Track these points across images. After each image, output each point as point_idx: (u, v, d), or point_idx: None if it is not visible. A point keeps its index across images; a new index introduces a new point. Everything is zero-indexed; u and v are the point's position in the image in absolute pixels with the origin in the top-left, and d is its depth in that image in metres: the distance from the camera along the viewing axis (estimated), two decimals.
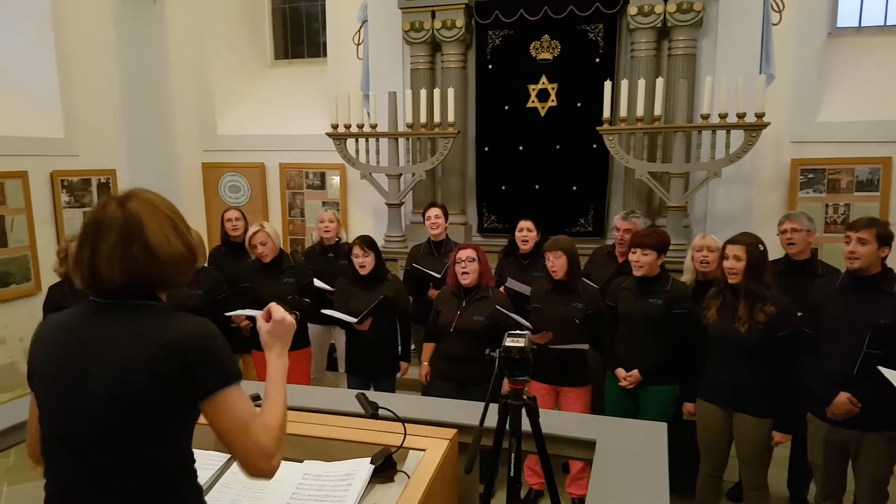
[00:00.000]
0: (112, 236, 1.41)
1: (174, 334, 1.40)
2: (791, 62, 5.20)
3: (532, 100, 5.47)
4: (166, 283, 1.49)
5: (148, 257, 1.42)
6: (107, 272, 1.41)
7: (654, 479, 2.02)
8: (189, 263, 1.52)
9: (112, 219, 1.43)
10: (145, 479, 1.44)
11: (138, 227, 1.42)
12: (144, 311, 1.45)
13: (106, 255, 1.41)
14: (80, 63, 5.89)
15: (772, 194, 5.34)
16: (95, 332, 1.44)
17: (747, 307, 3.08)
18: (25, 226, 5.47)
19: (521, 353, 2.07)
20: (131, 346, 1.39)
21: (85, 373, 1.41)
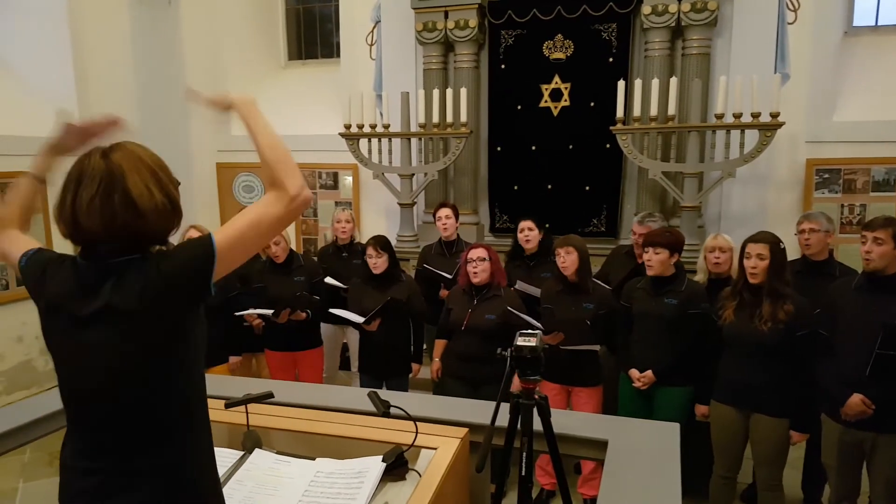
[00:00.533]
0: (93, 186, 1.40)
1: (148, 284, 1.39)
2: (806, 61, 5.15)
3: (545, 99, 5.47)
4: (147, 236, 1.45)
5: (127, 208, 1.40)
6: (87, 222, 1.40)
7: (667, 480, 2.01)
8: (170, 217, 1.49)
9: (95, 168, 1.41)
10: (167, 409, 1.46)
11: (120, 177, 1.41)
12: (129, 265, 1.42)
13: (86, 205, 1.39)
14: (95, 63, 5.94)
15: (787, 194, 5.29)
16: (86, 296, 1.42)
17: (770, 305, 3.06)
18: (42, 225, 5.52)
19: (532, 352, 2.06)
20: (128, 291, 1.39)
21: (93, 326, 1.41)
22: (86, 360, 1.43)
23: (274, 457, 2.23)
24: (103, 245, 1.42)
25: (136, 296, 1.38)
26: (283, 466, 2.17)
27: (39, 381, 5.61)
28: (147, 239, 1.45)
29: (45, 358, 5.66)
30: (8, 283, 5.28)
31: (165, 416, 1.47)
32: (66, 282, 1.46)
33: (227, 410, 2.34)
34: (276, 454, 2.24)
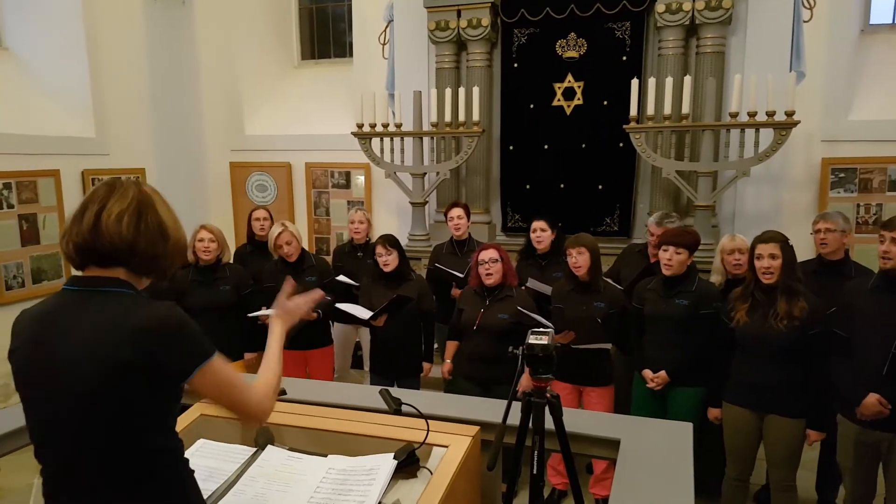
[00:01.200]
0: (125, 201, 1.48)
1: (141, 322, 1.41)
2: (822, 59, 5.10)
3: (558, 98, 5.45)
4: (160, 263, 1.54)
5: (157, 231, 1.50)
6: (111, 231, 1.45)
7: (679, 480, 2.00)
8: (182, 254, 1.62)
9: (127, 189, 1.51)
10: (129, 463, 1.46)
11: (152, 203, 1.53)
12: (115, 299, 1.46)
13: (115, 216, 1.46)
14: (111, 64, 5.99)
15: (802, 194, 5.25)
16: (67, 321, 1.45)
17: (786, 304, 3.04)
18: (57, 224, 5.58)
19: (544, 350, 2.05)
20: (100, 337, 1.41)
21: (59, 363, 1.43)
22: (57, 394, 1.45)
23: (286, 453, 2.23)
24: (104, 264, 1.47)
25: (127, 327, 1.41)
26: (295, 463, 2.18)
27: None
28: (154, 268, 1.54)
29: None
30: (24, 282, 5.33)
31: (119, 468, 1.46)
32: (48, 314, 1.51)
33: None
34: (288, 451, 2.25)
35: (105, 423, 1.42)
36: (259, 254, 4.78)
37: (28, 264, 5.36)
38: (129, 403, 1.42)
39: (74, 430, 1.44)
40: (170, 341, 1.43)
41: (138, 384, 1.41)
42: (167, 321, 1.43)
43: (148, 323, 1.41)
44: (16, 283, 5.28)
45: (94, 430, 1.43)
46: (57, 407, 1.44)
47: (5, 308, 5.24)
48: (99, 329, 1.41)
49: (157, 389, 1.45)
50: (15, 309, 5.40)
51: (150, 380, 1.42)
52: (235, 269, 4.33)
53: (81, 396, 1.41)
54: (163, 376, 1.43)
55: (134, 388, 1.41)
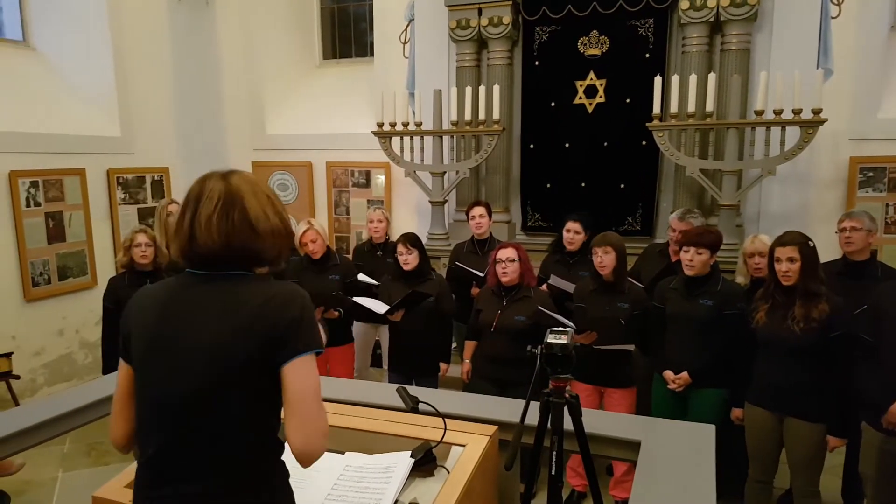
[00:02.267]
0: (212, 203, 1.47)
1: (266, 299, 1.44)
2: (851, 57, 5.00)
3: (579, 96, 5.40)
4: (261, 256, 1.53)
5: (246, 226, 1.48)
6: (204, 237, 1.46)
7: (701, 483, 1.96)
8: (284, 240, 1.58)
9: (214, 189, 1.50)
10: (240, 449, 1.47)
11: (239, 197, 1.49)
12: (237, 279, 1.49)
13: (205, 221, 1.46)
14: (135, 64, 6.07)
15: (829, 193, 5.15)
16: (191, 299, 1.49)
17: (804, 307, 2.98)
18: (83, 221, 5.67)
19: (563, 350, 2.03)
20: (226, 312, 1.44)
21: (182, 339, 1.45)
22: (176, 366, 1.47)
23: None
24: (216, 262, 1.49)
25: (272, 298, 1.44)
26: None
27: (79, 373, 5.75)
28: (261, 258, 1.53)
29: (84, 351, 5.80)
30: (50, 279, 5.42)
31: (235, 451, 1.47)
32: (171, 290, 1.54)
33: None
34: None
35: (221, 400, 1.44)
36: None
37: (54, 261, 5.44)
38: (248, 386, 1.44)
39: (192, 406, 1.45)
40: (292, 320, 1.44)
41: (257, 359, 1.42)
42: (293, 299, 1.46)
43: (275, 299, 1.44)
44: (42, 279, 5.36)
45: (209, 407, 1.44)
46: (176, 384, 1.45)
47: (32, 304, 5.34)
48: (224, 305, 1.45)
49: (269, 367, 1.44)
50: (41, 305, 5.52)
51: (267, 354, 1.42)
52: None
53: (203, 371, 1.43)
54: (275, 352, 1.43)
55: (252, 363, 1.42)
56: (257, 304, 1.43)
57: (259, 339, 1.42)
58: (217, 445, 1.46)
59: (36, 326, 5.38)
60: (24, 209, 5.18)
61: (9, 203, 5.11)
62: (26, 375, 5.26)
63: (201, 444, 1.46)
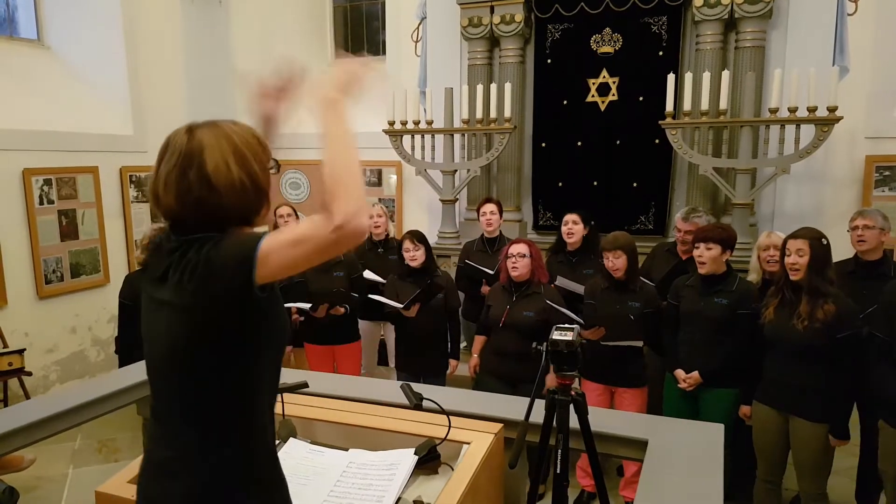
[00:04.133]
0: (172, 160, 1.38)
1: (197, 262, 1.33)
2: (867, 54, 4.92)
3: (592, 94, 5.37)
4: (224, 214, 1.38)
5: (202, 184, 1.35)
6: (164, 197, 1.39)
7: (708, 483, 1.93)
8: (250, 196, 1.41)
9: (177, 144, 1.39)
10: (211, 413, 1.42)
11: (198, 152, 1.36)
12: (200, 243, 1.35)
13: (164, 179, 1.38)
14: (149, 63, 6.10)
15: (844, 192, 5.07)
16: (160, 271, 1.41)
17: (809, 304, 2.94)
18: (96, 219, 5.70)
19: (568, 346, 2.00)
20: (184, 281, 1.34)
21: (159, 304, 1.42)
22: (151, 338, 1.47)
23: (308, 446, 2.22)
24: (183, 222, 1.39)
25: (185, 276, 1.33)
26: (316, 456, 2.17)
27: (92, 370, 5.78)
28: (225, 218, 1.38)
29: (97, 348, 5.83)
30: (63, 276, 5.45)
31: (212, 408, 1.42)
32: (153, 254, 1.50)
33: None
34: (309, 444, 2.24)
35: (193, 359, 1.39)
36: None
37: (67, 259, 5.48)
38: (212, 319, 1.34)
39: (168, 366, 1.43)
40: (227, 239, 1.32)
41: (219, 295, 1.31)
42: (212, 252, 1.32)
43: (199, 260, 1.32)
44: (55, 277, 5.39)
45: (182, 361, 1.40)
46: (155, 344, 1.44)
47: (45, 302, 5.38)
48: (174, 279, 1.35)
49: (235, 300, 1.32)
50: (54, 302, 5.55)
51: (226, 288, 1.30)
52: None
53: (164, 338, 1.41)
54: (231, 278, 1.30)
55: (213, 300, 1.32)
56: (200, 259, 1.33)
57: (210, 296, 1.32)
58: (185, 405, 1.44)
59: (49, 323, 5.41)
60: (38, 207, 5.21)
61: (22, 200, 5.14)
62: (39, 372, 5.29)
63: (175, 401, 1.45)
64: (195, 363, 1.40)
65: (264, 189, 1.44)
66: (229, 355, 1.40)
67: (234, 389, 1.43)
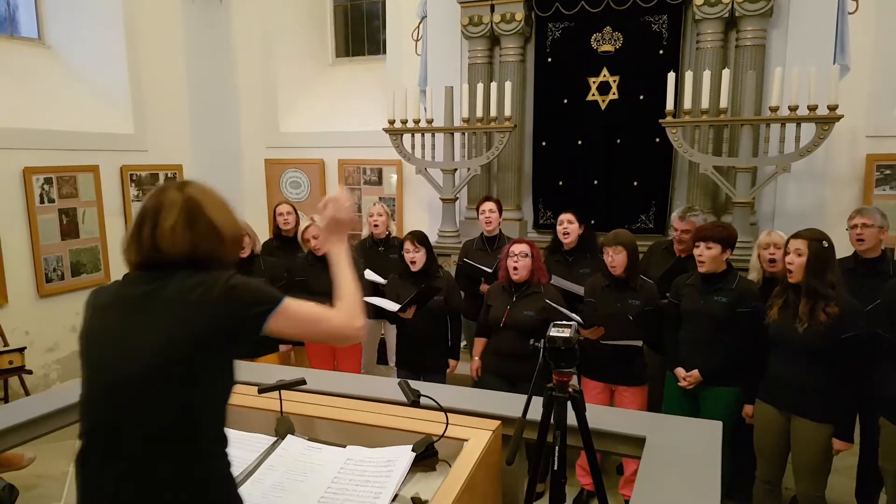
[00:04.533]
0: (174, 213, 1.51)
1: (209, 294, 1.46)
2: (868, 53, 4.91)
3: (592, 93, 5.36)
4: (220, 259, 1.57)
5: (212, 234, 1.54)
6: (169, 247, 1.50)
7: (706, 480, 1.92)
8: (240, 245, 1.69)
9: (173, 200, 1.53)
10: (183, 433, 1.48)
11: (199, 207, 1.53)
12: (185, 277, 1.50)
13: (169, 231, 1.50)
14: (149, 62, 6.11)
15: (845, 191, 5.06)
16: (145, 292, 1.50)
17: (808, 305, 2.93)
18: (96, 218, 5.71)
19: (566, 343, 2.00)
20: (173, 312, 1.46)
21: (137, 326, 1.48)
22: (125, 352, 1.48)
23: (306, 443, 2.22)
24: (177, 266, 1.51)
25: (199, 294, 1.46)
26: (314, 453, 2.17)
27: None
28: (220, 263, 1.57)
29: None
30: (63, 274, 5.46)
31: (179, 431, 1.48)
32: (124, 285, 1.56)
33: (261, 396, 2.35)
34: (307, 441, 2.24)
35: (167, 391, 1.45)
36: (285, 248, 4.80)
37: (67, 258, 5.49)
38: (193, 374, 1.46)
39: (142, 385, 1.46)
40: (237, 301, 1.48)
41: (208, 353, 1.47)
42: (230, 286, 1.48)
43: (215, 293, 1.46)
44: (56, 275, 5.40)
45: (159, 386, 1.45)
46: (129, 364, 1.47)
47: (45, 300, 5.38)
48: (171, 304, 1.47)
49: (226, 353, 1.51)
50: (55, 301, 5.56)
51: (230, 334, 1.48)
52: (269, 262, 4.37)
53: (149, 365, 1.45)
54: (243, 331, 1.50)
55: (203, 357, 1.47)
56: (206, 298, 1.46)
57: (212, 332, 1.46)
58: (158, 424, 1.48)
59: (49, 322, 5.42)
60: (38, 205, 5.22)
61: (23, 199, 5.15)
62: (39, 371, 5.30)
63: (144, 420, 1.48)
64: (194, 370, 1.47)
65: (244, 237, 1.75)
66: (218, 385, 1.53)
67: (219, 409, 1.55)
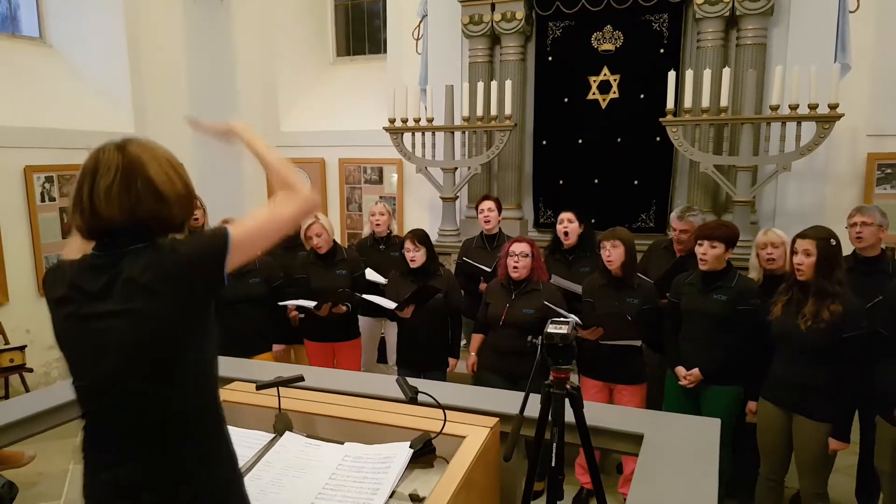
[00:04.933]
0: (111, 174, 1.39)
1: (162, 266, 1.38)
2: (869, 52, 4.91)
3: (593, 92, 5.36)
4: (168, 223, 1.46)
5: (151, 194, 1.41)
6: (106, 210, 1.39)
7: (703, 477, 1.92)
8: (189, 203, 1.52)
9: (111, 159, 1.41)
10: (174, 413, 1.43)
11: (139, 165, 1.42)
12: (138, 255, 1.40)
13: (104, 193, 1.39)
14: (150, 61, 6.12)
15: (846, 190, 5.06)
16: (99, 285, 1.40)
17: (815, 304, 2.92)
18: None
19: (563, 339, 2.00)
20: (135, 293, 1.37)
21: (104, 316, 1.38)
22: (95, 347, 1.40)
23: (304, 440, 2.22)
24: (121, 234, 1.41)
25: (152, 275, 1.37)
26: (311, 449, 2.17)
27: None
28: (167, 226, 1.46)
29: None
30: None
31: (174, 417, 1.43)
32: (77, 273, 1.44)
33: (259, 393, 2.36)
34: (305, 437, 2.24)
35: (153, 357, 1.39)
36: (286, 247, 4.80)
37: None
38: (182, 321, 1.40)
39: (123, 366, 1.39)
40: (191, 237, 1.43)
41: (195, 289, 1.41)
42: (176, 251, 1.40)
43: (164, 264, 1.38)
44: None
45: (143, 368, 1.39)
46: (99, 366, 1.39)
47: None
48: (130, 293, 1.37)
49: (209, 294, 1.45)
50: None
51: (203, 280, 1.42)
52: (265, 261, 4.36)
53: (128, 357, 1.37)
54: (203, 294, 1.43)
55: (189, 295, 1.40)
56: (170, 257, 1.39)
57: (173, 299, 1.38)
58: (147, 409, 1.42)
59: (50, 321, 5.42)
60: (39, 204, 5.23)
61: (24, 198, 5.16)
62: (40, 369, 5.31)
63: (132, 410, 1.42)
64: (157, 370, 1.40)
65: (195, 195, 1.56)
66: (202, 349, 1.47)
67: (208, 391, 1.50)
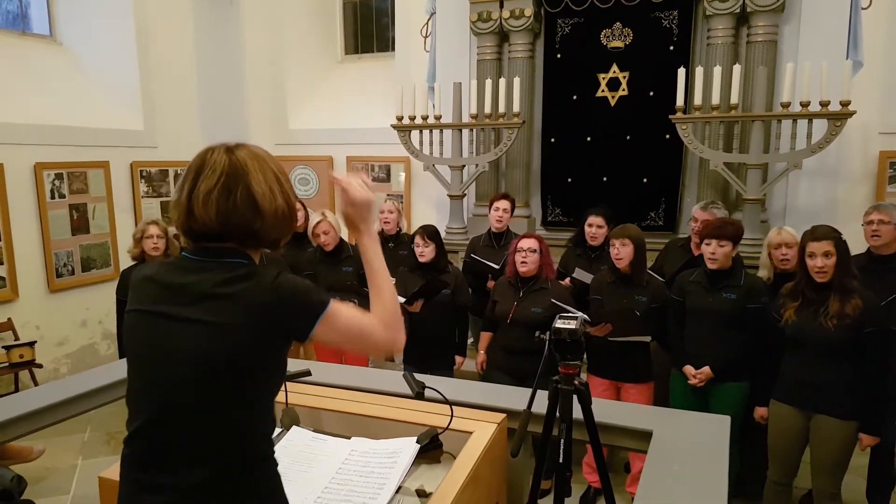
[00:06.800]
0: (213, 178, 1.36)
1: (254, 296, 1.34)
2: (881, 49, 4.85)
3: (602, 89, 5.33)
4: (260, 237, 1.41)
5: (248, 206, 1.37)
6: (202, 213, 1.36)
7: (713, 475, 1.90)
8: (287, 223, 1.46)
9: (217, 162, 1.38)
10: (231, 430, 1.38)
11: (243, 173, 1.38)
12: (229, 269, 1.38)
13: (203, 195, 1.36)
14: (160, 59, 6.14)
15: (858, 188, 5.01)
16: (185, 288, 1.38)
17: (839, 302, 2.89)
18: (106, 213, 5.74)
19: (571, 335, 1.99)
20: (215, 310, 1.34)
21: (175, 331, 1.36)
22: (166, 350, 1.37)
23: (310, 434, 2.22)
24: (214, 239, 1.39)
25: (246, 299, 1.34)
26: (318, 444, 2.16)
27: (102, 363, 5.79)
28: (259, 240, 1.42)
29: (107, 342, 5.87)
30: (74, 270, 5.49)
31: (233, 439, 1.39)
32: (166, 271, 1.43)
33: None
34: (312, 432, 2.24)
35: (218, 393, 1.36)
36: (293, 244, 4.79)
37: (78, 253, 5.52)
38: (241, 373, 1.36)
39: (186, 398, 1.35)
40: (288, 306, 1.36)
41: (278, 329, 1.37)
42: (278, 289, 1.35)
43: (265, 295, 1.34)
44: (66, 270, 5.43)
45: (206, 398, 1.35)
46: (170, 377, 1.36)
47: (55, 295, 5.42)
48: (216, 301, 1.34)
49: (273, 355, 1.41)
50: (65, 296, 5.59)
51: (269, 347, 1.37)
52: (272, 258, 4.36)
53: (196, 367, 1.34)
54: (285, 335, 1.40)
55: (248, 358, 1.35)
56: (252, 300, 1.34)
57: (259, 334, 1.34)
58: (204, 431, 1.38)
59: (59, 317, 5.45)
60: (49, 201, 5.25)
61: (34, 195, 5.18)
62: (49, 365, 5.33)
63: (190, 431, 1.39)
64: (243, 387, 1.37)
65: (296, 216, 1.50)
66: (270, 384, 1.45)
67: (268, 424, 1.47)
